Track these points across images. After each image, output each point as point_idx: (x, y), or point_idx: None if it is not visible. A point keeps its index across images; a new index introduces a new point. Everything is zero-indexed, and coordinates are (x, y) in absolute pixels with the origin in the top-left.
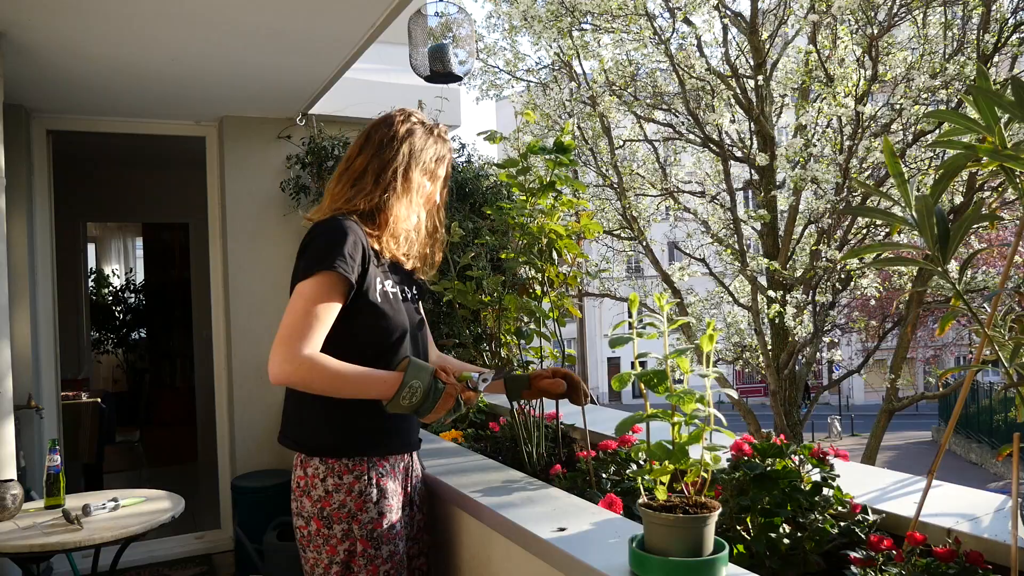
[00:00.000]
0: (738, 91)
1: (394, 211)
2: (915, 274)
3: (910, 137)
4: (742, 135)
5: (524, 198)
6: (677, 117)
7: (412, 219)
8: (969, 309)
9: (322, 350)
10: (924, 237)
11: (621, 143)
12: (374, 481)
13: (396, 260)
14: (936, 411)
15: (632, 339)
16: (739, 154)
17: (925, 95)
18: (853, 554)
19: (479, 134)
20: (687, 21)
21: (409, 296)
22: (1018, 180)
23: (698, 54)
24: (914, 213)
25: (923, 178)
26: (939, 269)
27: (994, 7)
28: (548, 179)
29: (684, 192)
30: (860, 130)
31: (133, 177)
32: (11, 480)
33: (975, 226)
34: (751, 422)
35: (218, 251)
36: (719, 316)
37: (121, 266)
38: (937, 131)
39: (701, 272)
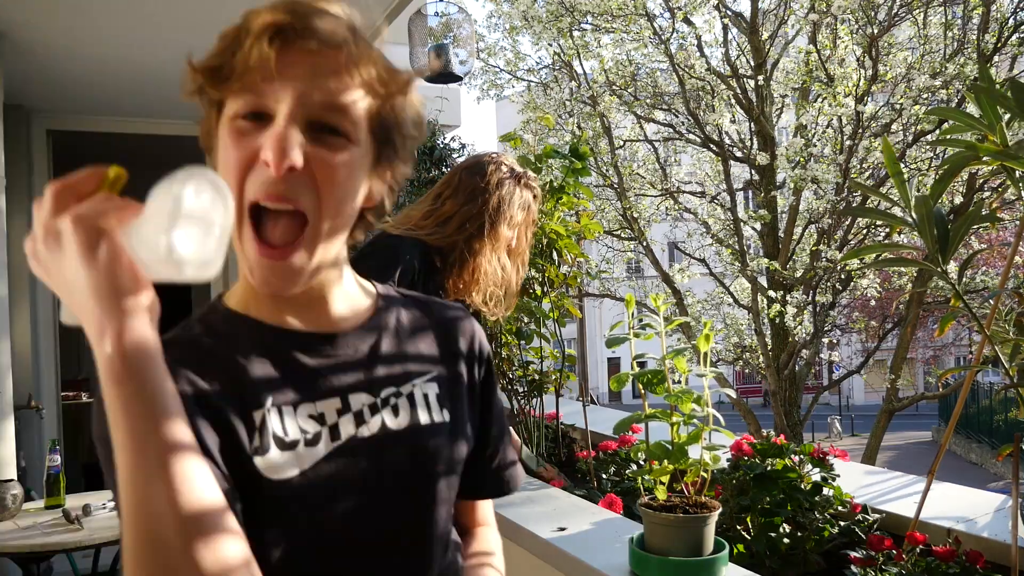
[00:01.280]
0: (738, 91)
1: (481, 265)
2: (915, 275)
3: (910, 137)
4: (742, 135)
5: None
6: (677, 117)
7: (498, 271)
8: (968, 310)
9: None
10: (924, 238)
11: (621, 143)
12: None
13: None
14: (936, 411)
15: (629, 339)
16: (739, 154)
17: (925, 95)
18: (853, 554)
19: (500, 138)
20: (687, 21)
21: None
22: (1018, 179)
23: (698, 54)
24: (914, 214)
25: (923, 178)
26: (939, 270)
27: (994, 7)
28: (559, 184)
29: (684, 192)
30: (860, 130)
31: (133, 177)
32: (11, 480)
33: (975, 227)
34: (751, 422)
35: None
36: (719, 317)
37: None
38: (937, 131)
39: (701, 273)
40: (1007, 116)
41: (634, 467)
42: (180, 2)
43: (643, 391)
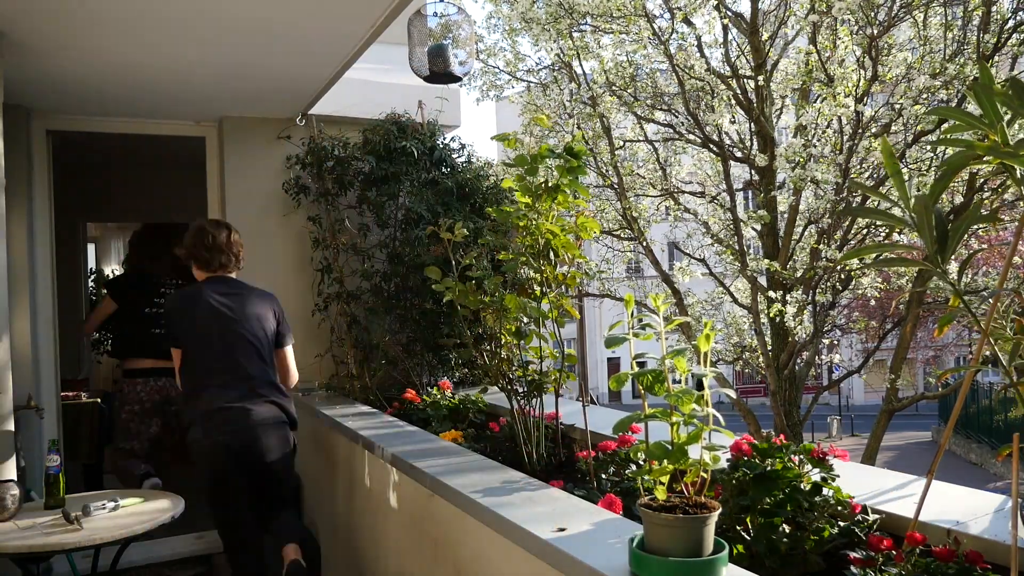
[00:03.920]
0: (738, 91)
1: None
2: (915, 274)
3: (910, 137)
4: (742, 135)
5: (528, 200)
6: (677, 117)
7: None
8: (968, 310)
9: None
10: (923, 238)
11: (621, 143)
12: None
13: None
14: (936, 411)
15: (628, 339)
16: (739, 154)
17: (925, 95)
18: (853, 554)
19: (493, 137)
20: (687, 22)
21: None
22: (1020, 178)
23: (698, 54)
24: (913, 213)
25: (923, 179)
26: (938, 270)
27: (994, 7)
28: (555, 183)
29: (684, 192)
30: (860, 130)
31: (133, 177)
32: (11, 480)
33: (975, 227)
34: (751, 422)
35: None
36: (719, 317)
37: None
38: (937, 131)
39: (702, 273)
40: (1008, 115)
41: (634, 467)
42: (180, 3)
43: (643, 391)
